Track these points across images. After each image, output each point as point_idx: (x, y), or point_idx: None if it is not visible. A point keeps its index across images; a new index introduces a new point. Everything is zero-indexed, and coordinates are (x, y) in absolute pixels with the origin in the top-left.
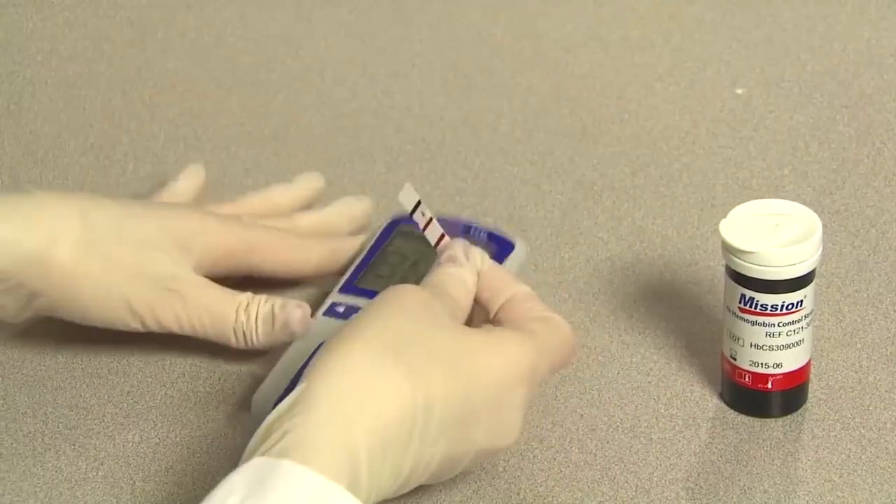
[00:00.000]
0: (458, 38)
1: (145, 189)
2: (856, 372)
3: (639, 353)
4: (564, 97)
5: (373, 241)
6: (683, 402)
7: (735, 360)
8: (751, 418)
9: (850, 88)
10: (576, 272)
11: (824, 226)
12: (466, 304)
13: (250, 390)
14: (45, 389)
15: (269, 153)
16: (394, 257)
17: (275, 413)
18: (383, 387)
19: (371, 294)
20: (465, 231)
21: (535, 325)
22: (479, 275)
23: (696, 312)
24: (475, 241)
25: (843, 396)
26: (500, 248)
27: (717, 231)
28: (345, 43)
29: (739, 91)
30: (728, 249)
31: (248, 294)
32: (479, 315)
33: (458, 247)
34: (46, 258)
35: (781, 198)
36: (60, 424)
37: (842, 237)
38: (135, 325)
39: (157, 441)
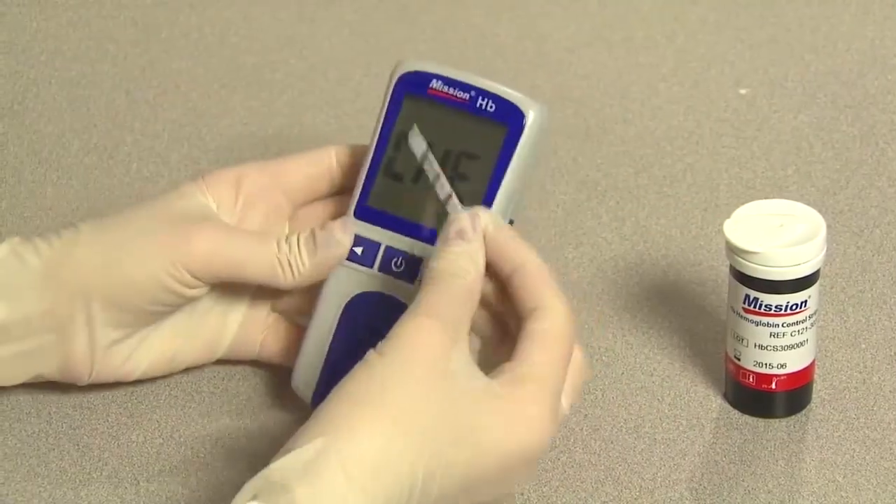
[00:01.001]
0: (462, 38)
1: (148, 189)
2: (860, 372)
3: (643, 354)
4: (568, 97)
5: (380, 124)
6: (687, 402)
7: (739, 360)
8: (755, 419)
9: (854, 88)
10: (580, 272)
11: (828, 226)
12: (477, 289)
13: (254, 389)
14: (48, 389)
15: (273, 153)
16: (406, 155)
17: (279, 466)
18: (391, 460)
19: (389, 220)
20: (473, 103)
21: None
22: (486, 239)
23: (699, 313)
24: (483, 116)
25: (847, 397)
26: (512, 122)
27: (720, 231)
28: (348, 43)
29: (743, 91)
30: (732, 250)
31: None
32: (487, 291)
33: (466, 219)
34: None
35: (785, 198)
36: (64, 424)
37: (846, 237)
38: (185, 280)
39: (161, 441)
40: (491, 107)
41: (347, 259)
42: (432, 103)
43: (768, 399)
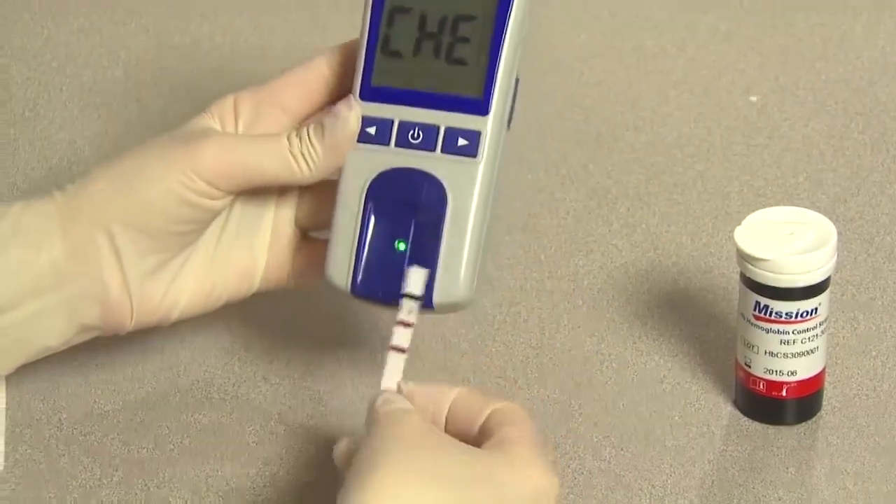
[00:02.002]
0: None
1: None
2: (870, 380)
3: (653, 361)
4: (579, 105)
5: (369, 4)
6: (698, 409)
7: (749, 367)
8: (765, 426)
9: (865, 96)
10: (590, 279)
11: (839, 233)
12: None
13: (264, 396)
14: (59, 396)
15: None
16: (405, 21)
17: None
18: None
19: (397, 94)
20: None
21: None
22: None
23: (710, 320)
24: None
25: (857, 404)
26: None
27: (731, 238)
28: None
29: (754, 99)
30: (743, 257)
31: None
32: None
33: (392, 394)
34: None
35: (796, 205)
36: (75, 431)
37: (856, 245)
38: (200, 189)
39: (171, 447)
40: None
41: (361, 141)
42: None
43: (779, 406)
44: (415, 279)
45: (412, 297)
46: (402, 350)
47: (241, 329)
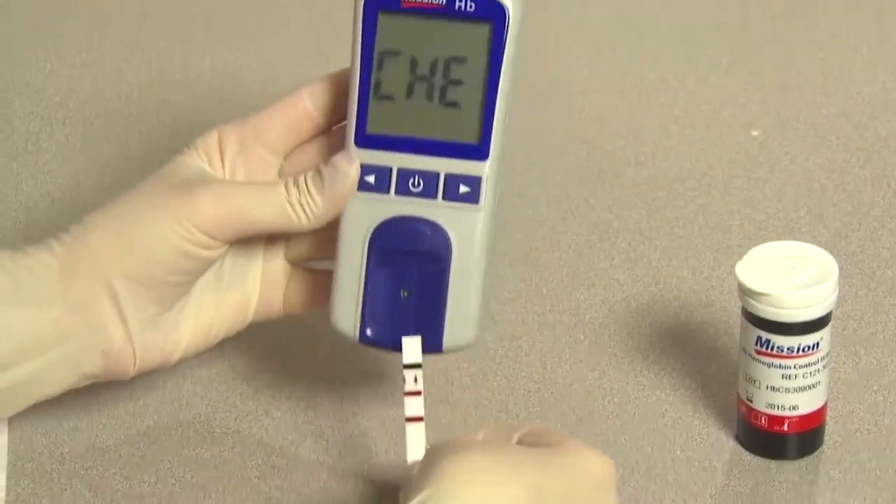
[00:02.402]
0: None
1: None
2: (872, 414)
3: (654, 395)
4: (580, 139)
5: (358, 48)
6: (699, 443)
7: (751, 401)
8: (767, 460)
9: (866, 131)
10: (591, 313)
11: (840, 268)
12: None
13: (266, 430)
14: (61, 430)
15: None
16: (395, 65)
17: None
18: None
19: (394, 141)
20: (451, 6)
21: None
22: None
23: (711, 354)
24: (464, 17)
25: (859, 439)
26: (495, 16)
27: (733, 273)
28: None
29: (755, 133)
30: (744, 291)
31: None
32: None
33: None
34: None
35: (797, 240)
36: (77, 465)
37: (858, 279)
38: (199, 241)
39: (173, 482)
40: (470, 6)
41: (361, 189)
42: (409, 15)
43: (780, 441)
44: (411, 349)
45: (412, 366)
46: (419, 419)
47: (243, 363)
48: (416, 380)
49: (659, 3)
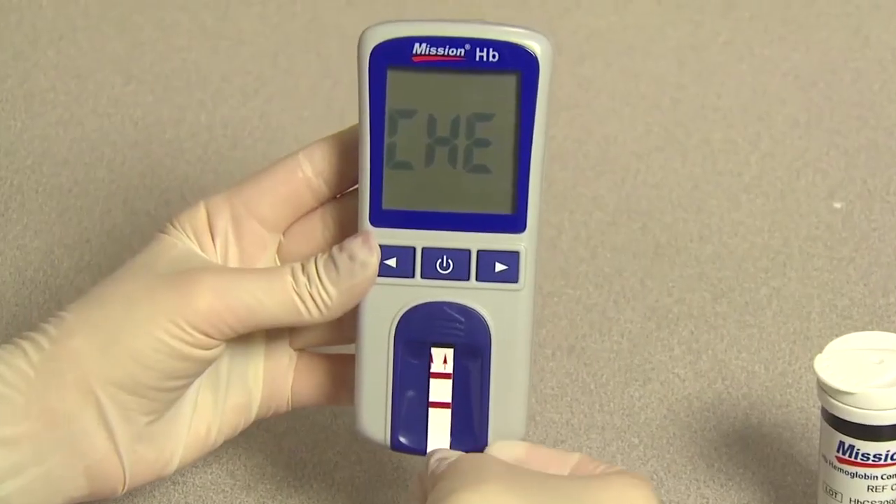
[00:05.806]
0: None
1: None
2: None
3: None
4: (635, 209)
5: (366, 111)
6: None
7: None
8: None
9: None
10: (647, 413)
11: None
12: None
13: (270, 478)
14: None
15: None
16: (410, 126)
17: None
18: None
19: (416, 217)
20: (471, 58)
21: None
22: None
23: (787, 462)
24: (487, 69)
25: None
26: (524, 65)
27: (811, 368)
28: None
29: (838, 205)
30: (824, 389)
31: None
32: None
33: None
34: None
35: (885, 330)
36: None
37: None
38: (195, 341)
39: None
40: (493, 56)
41: (381, 274)
42: (422, 71)
43: None
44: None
45: (443, 345)
46: (445, 406)
47: (242, 469)
48: (445, 360)
49: (727, 53)
